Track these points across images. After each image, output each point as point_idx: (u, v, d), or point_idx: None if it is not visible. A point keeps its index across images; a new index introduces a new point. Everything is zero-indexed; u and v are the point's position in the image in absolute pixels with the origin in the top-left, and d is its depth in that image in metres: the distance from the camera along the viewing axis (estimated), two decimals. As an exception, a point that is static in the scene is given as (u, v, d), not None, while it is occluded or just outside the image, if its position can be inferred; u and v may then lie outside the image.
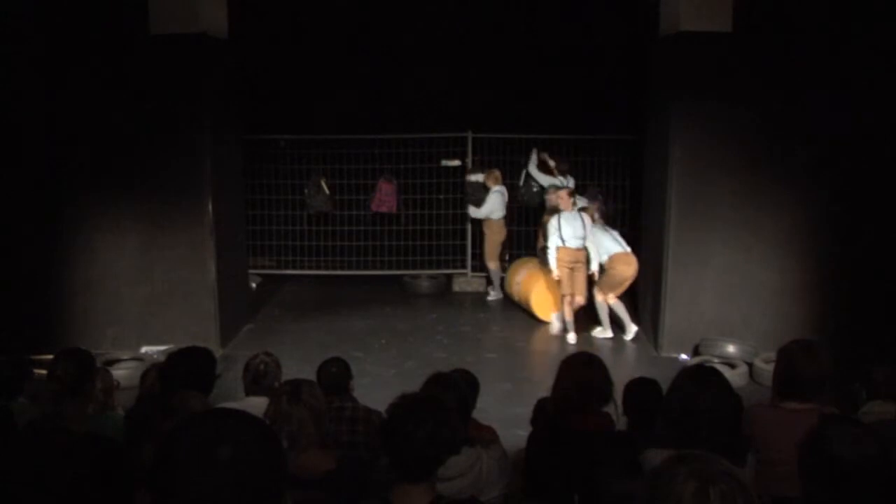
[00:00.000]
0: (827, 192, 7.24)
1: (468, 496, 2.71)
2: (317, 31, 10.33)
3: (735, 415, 2.89)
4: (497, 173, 9.60)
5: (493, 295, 9.80)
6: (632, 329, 8.13)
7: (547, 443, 3.36)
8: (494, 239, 9.61)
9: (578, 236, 7.98)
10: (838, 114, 7.08)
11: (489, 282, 10.02)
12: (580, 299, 8.06)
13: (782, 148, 7.25)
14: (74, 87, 7.23)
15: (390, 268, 10.45)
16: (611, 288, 8.05)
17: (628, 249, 8.15)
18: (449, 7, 10.06)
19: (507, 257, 9.66)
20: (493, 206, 9.50)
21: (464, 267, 10.41)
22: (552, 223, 8.09)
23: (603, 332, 8.17)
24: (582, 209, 8.35)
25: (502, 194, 9.55)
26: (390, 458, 2.42)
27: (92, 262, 7.48)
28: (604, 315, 8.15)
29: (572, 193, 8.28)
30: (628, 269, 8.02)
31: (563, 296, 8.07)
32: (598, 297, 8.10)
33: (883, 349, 5.80)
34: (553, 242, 7.98)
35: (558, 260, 7.96)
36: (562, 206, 8.13)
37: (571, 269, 7.96)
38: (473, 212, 9.65)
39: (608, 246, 8.09)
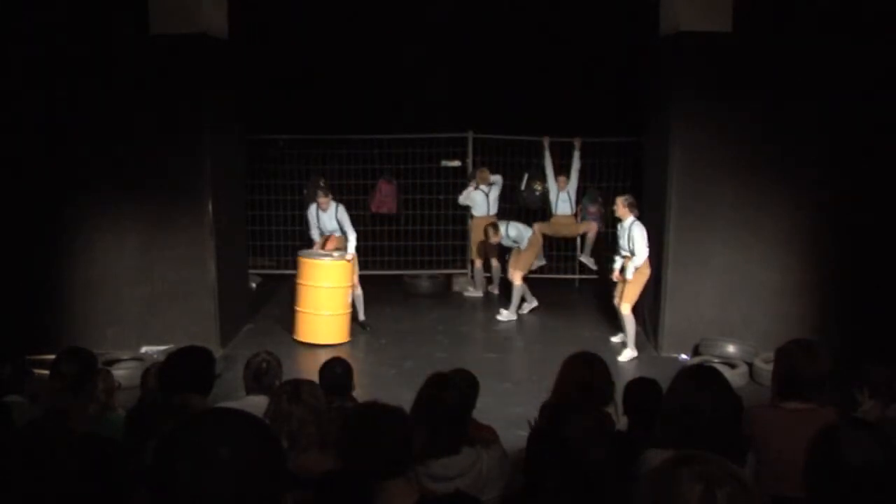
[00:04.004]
0: (827, 192, 7.24)
1: (454, 491, 2.71)
2: (317, 31, 10.32)
3: (735, 415, 2.88)
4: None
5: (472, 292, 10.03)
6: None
7: (547, 443, 3.36)
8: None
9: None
10: (838, 113, 7.08)
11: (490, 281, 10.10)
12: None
13: (782, 148, 7.25)
14: (74, 86, 7.22)
15: (390, 268, 10.44)
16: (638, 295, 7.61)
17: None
18: (449, 7, 10.05)
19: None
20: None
21: (464, 267, 10.41)
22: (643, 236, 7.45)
23: (631, 353, 7.62)
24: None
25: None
26: (356, 459, 2.44)
27: (92, 262, 7.48)
28: (632, 332, 7.63)
29: (631, 204, 7.54)
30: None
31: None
32: (627, 311, 7.56)
33: (883, 349, 5.79)
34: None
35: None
36: (620, 215, 7.57)
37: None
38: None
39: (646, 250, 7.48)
